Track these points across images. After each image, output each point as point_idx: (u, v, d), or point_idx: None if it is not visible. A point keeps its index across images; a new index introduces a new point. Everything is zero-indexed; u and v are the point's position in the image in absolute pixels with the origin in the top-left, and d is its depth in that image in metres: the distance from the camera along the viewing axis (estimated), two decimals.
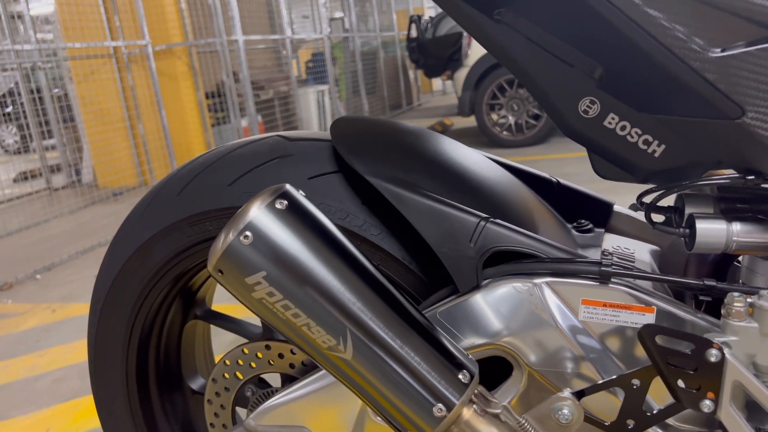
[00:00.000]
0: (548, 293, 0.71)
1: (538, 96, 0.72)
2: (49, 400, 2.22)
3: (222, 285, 0.67)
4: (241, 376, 0.98)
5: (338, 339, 0.63)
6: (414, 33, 9.18)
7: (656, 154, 0.68)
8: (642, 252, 0.90)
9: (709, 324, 0.67)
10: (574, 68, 0.67)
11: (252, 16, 7.66)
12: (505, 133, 5.93)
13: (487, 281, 0.74)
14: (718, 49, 0.59)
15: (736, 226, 0.68)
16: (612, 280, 0.69)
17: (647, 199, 0.72)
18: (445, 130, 8.00)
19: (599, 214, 0.97)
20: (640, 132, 0.67)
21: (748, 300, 0.62)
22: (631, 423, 0.67)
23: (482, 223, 0.74)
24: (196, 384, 1.15)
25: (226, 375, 0.98)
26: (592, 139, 0.70)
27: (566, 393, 0.67)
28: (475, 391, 0.65)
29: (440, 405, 0.63)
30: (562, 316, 0.71)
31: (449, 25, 8.55)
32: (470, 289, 0.74)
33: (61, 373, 2.43)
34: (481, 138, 6.22)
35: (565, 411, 0.67)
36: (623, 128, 0.68)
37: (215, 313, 1.09)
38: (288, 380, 1.00)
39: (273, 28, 8.14)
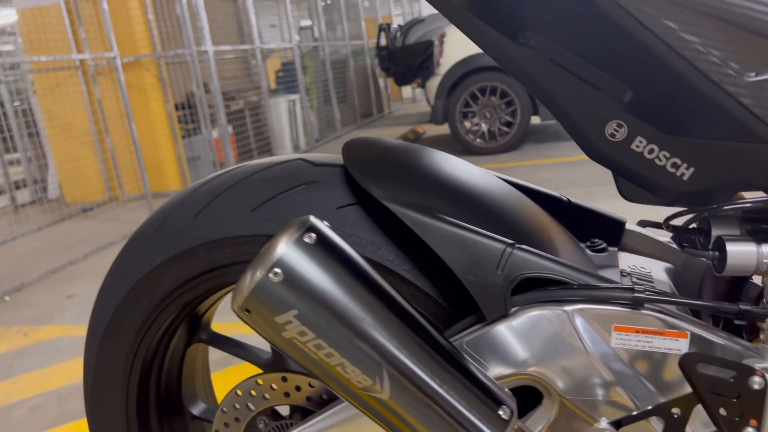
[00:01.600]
0: (579, 320, 0.70)
1: (562, 119, 0.70)
2: (26, 430, 2.13)
3: (248, 324, 0.64)
4: (253, 407, 0.94)
5: (374, 379, 0.61)
6: (383, 41, 9.20)
7: (685, 177, 0.67)
8: (658, 271, 0.89)
9: (743, 348, 0.66)
10: (601, 91, 0.67)
11: (220, 26, 7.58)
12: (478, 140, 5.97)
13: (515, 309, 0.72)
14: (753, 74, 0.58)
15: (766, 248, 0.68)
16: (645, 305, 0.68)
17: (676, 222, 0.72)
18: (418, 138, 8.02)
19: (611, 232, 0.96)
20: (668, 155, 0.67)
21: None
22: None
23: (508, 249, 0.73)
24: (196, 409, 1.11)
25: (237, 405, 0.95)
26: (619, 162, 0.69)
27: (604, 424, 0.66)
28: (515, 426, 0.64)
29: None
30: (594, 343, 0.70)
31: (419, 33, 8.59)
32: (498, 317, 0.72)
33: (37, 400, 2.34)
34: (454, 146, 6.25)
35: None
36: (651, 151, 0.67)
37: (222, 337, 1.05)
38: (297, 411, 0.97)
39: (242, 38, 8.07)
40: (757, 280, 0.78)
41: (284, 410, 1.01)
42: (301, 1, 9.77)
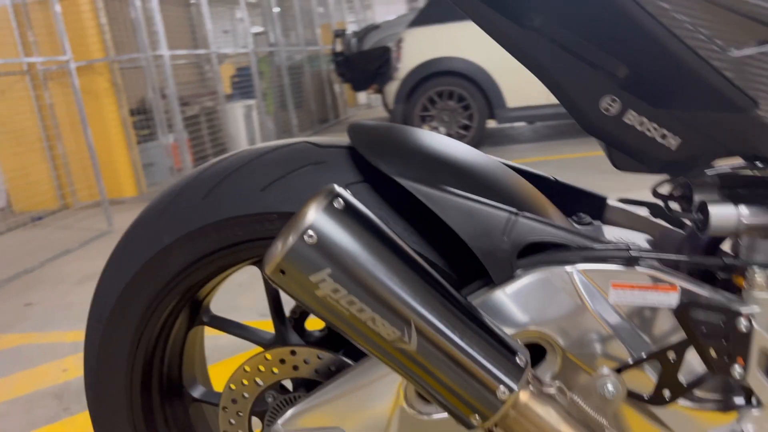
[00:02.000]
0: (580, 279, 0.76)
1: (560, 95, 0.77)
2: None
3: (278, 286, 0.68)
4: (261, 383, 0.97)
5: (403, 331, 0.65)
6: (339, 47, 9.26)
7: (672, 147, 0.74)
8: (639, 241, 0.97)
9: (726, 298, 0.74)
10: (597, 69, 0.73)
11: (173, 32, 7.48)
12: None
13: (520, 271, 0.78)
14: (735, 49, 0.66)
15: (744, 210, 0.75)
16: (639, 263, 0.75)
17: (664, 189, 0.79)
18: None
19: (594, 207, 1.04)
20: (657, 127, 0.74)
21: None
22: (667, 393, 0.72)
23: (513, 217, 0.79)
24: (196, 392, 1.13)
25: (245, 381, 0.97)
26: (612, 135, 0.76)
27: (606, 370, 0.72)
28: (530, 374, 0.69)
29: (502, 387, 0.66)
30: (593, 299, 0.76)
31: (375, 39, 8.68)
32: (505, 280, 0.78)
33: (3, 407, 2.28)
34: None
35: (610, 387, 0.72)
36: (642, 124, 0.74)
37: (223, 319, 1.07)
38: (302, 385, 1.00)
39: (195, 44, 7.99)
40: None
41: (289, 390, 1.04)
42: (255, 7, 9.73)
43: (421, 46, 5.96)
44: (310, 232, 0.64)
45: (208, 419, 1.18)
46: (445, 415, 0.83)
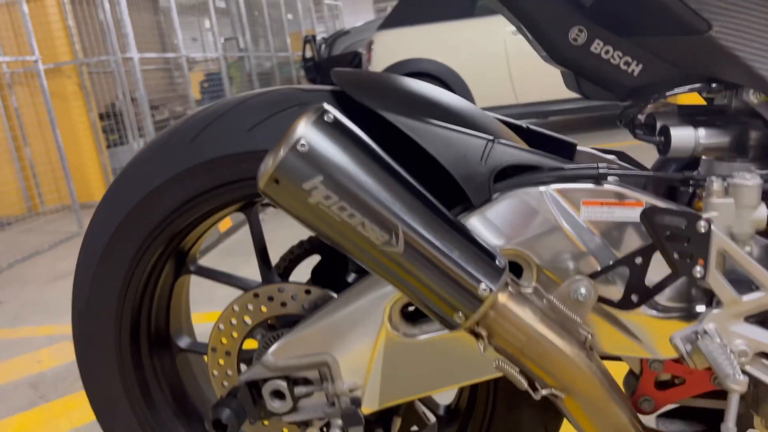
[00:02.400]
0: (553, 198, 0.81)
1: (533, 30, 0.83)
2: None
3: (272, 199, 0.71)
4: (249, 321, 1.00)
5: (391, 235, 0.69)
6: (309, 53, 9.31)
7: (635, 74, 0.81)
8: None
9: (686, 210, 0.79)
10: (565, 0, 0.79)
11: (142, 38, 7.44)
12: None
13: (497, 194, 0.83)
14: None
15: (701, 132, 0.82)
16: (607, 180, 0.81)
17: (627, 115, 0.85)
18: None
19: (565, 152, 1.09)
20: (621, 54, 0.80)
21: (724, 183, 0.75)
22: (635, 297, 0.78)
23: (489, 143, 0.84)
24: (183, 342, 1.15)
25: (234, 321, 1.00)
26: (581, 64, 0.82)
27: (580, 275, 0.77)
28: (508, 277, 0.74)
29: (483, 285, 0.71)
30: (566, 217, 0.81)
31: (344, 45, 8.76)
32: (483, 202, 0.83)
33: None
34: None
35: (582, 290, 0.77)
36: (607, 52, 0.80)
37: (209, 269, 1.10)
38: (288, 323, 1.02)
39: (164, 49, 7.96)
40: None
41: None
42: (224, 14, 9.73)
43: (392, 49, 6.04)
44: (303, 141, 0.68)
45: (194, 370, 1.20)
46: (429, 335, 0.87)
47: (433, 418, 1.16)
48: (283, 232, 2.68)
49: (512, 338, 0.74)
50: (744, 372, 0.78)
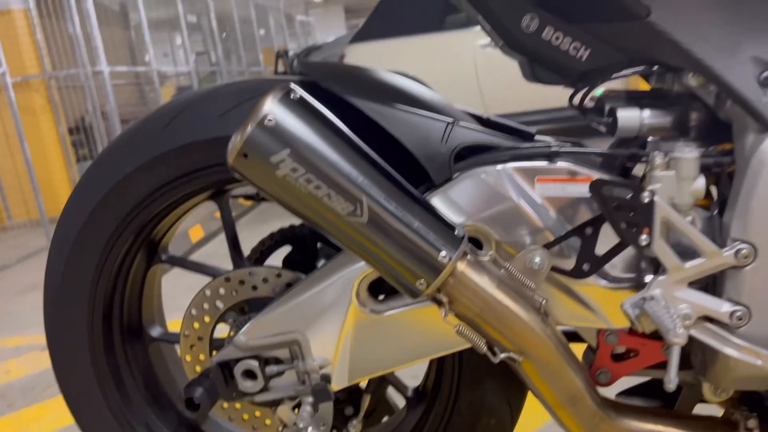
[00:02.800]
0: (510, 176, 0.86)
1: (490, 20, 0.88)
2: None
3: (241, 174, 0.75)
4: (221, 306, 1.02)
5: (356, 205, 0.73)
6: (281, 67, 9.34)
7: (583, 59, 0.86)
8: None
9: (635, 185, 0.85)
10: None
11: (112, 52, 7.40)
12: None
13: (458, 174, 0.87)
14: None
15: (646, 113, 0.88)
16: (559, 158, 0.86)
17: (577, 98, 0.90)
18: None
19: (523, 140, 1.15)
20: (570, 40, 0.85)
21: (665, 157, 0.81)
22: (586, 266, 0.83)
23: (450, 126, 0.88)
24: (155, 331, 1.17)
25: (206, 305, 1.02)
26: (533, 50, 0.87)
27: (535, 246, 0.82)
28: (467, 246, 0.78)
29: (443, 252, 0.75)
30: (521, 193, 0.86)
31: (317, 59, 8.82)
32: (444, 181, 0.87)
33: None
34: None
35: (537, 259, 0.82)
36: (557, 38, 0.86)
37: (180, 258, 1.13)
38: (258, 306, 1.04)
39: (135, 64, 7.92)
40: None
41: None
42: (195, 29, 9.74)
43: (363, 61, 6.11)
44: (270, 117, 0.72)
45: (166, 359, 1.21)
46: (395, 311, 0.91)
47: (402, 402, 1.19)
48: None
49: (471, 304, 0.78)
50: (690, 336, 0.83)
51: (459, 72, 5.84)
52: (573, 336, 1.00)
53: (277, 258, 1.12)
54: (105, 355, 1.10)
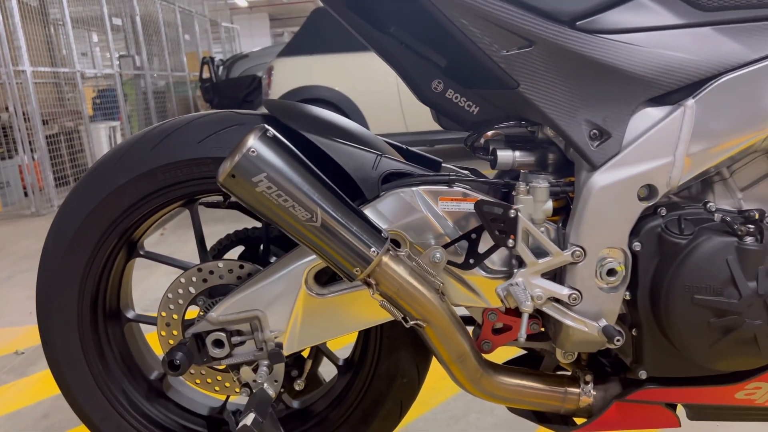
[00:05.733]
0: (420, 196, 1.18)
1: (407, 80, 1.20)
2: None
3: (228, 190, 1.03)
4: (193, 290, 1.29)
5: (312, 213, 1.03)
6: (207, 74, 9.42)
7: (475, 113, 1.20)
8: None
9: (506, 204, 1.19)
10: (429, 61, 1.18)
11: (30, 49, 7.28)
12: None
13: (384, 192, 1.19)
14: (505, 50, 1.12)
15: (517, 153, 1.23)
16: (455, 184, 1.19)
17: (470, 141, 1.24)
18: None
19: (433, 167, 1.48)
20: (465, 100, 1.19)
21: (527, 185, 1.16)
22: (472, 260, 1.16)
23: (378, 157, 1.20)
24: (130, 314, 1.41)
25: (180, 291, 1.29)
26: (439, 105, 1.21)
27: (437, 246, 1.15)
28: (390, 245, 1.10)
29: (373, 248, 1.06)
30: (429, 209, 1.18)
31: (243, 68, 8.97)
32: (373, 197, 1.19)
33: None
34: None
35: (438, 255, 1.15)
36: (456, 98, 1.19)
37: (156, 253, 1.38)
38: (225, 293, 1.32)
39: (54, 63, 7.79)
40: None
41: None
42: (118, 31, 9.63)
43: (291, 75, 6.38)
44: (252, 149, 1.01)
45: (137, 338, 1.46)
46: (334, 294, 1.21)
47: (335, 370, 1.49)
48: None
49: (391, 285, 1.10)
50: (541, 313, 1.19)
51: (383, 92, 6.21)
52: (468, 321, 1.34)
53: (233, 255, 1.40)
54: (91, 333, 1.34)
